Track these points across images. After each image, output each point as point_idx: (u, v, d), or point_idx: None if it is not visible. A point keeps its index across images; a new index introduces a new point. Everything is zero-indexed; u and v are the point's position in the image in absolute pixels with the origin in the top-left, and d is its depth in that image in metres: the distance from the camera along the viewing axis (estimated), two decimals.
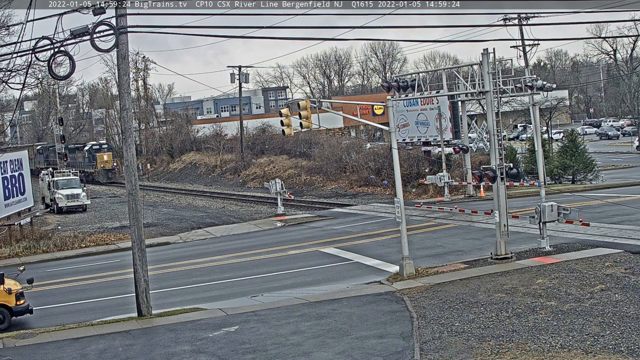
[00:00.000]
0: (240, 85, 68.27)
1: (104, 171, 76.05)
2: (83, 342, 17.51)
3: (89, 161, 77.38)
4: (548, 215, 23.86)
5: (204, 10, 22.07)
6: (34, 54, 18.90)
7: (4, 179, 35.16)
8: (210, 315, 19.27)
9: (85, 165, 77.85)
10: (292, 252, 28.71)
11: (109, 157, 76.65)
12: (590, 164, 49.41)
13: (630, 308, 16.61)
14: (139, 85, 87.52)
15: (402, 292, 20.22)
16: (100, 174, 75.59)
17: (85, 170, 76.43)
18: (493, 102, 23.81)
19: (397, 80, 33.34)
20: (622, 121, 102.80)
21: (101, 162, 76.00)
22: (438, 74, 70.58)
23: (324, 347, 15.57)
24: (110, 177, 75.78)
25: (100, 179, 75.13)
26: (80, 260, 31.23)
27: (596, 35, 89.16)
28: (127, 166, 20.18)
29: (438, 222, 32.92)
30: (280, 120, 24.36)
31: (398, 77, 37.06)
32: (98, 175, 75.71)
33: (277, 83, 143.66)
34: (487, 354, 14.39)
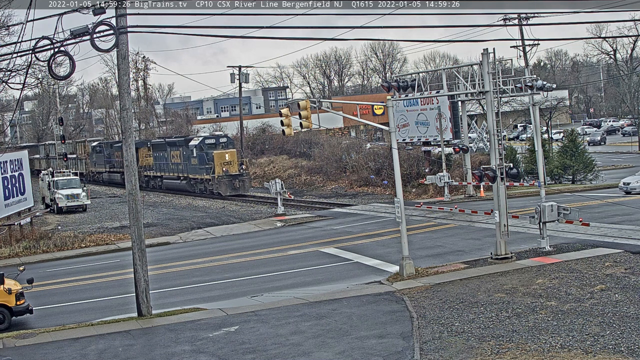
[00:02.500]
0: (240, 85, 68.27)
1: (227, 178, 50.75)
2: (83, 342, 17.51)
3: (201, 163, 52.32)
4: (548, 215, 23.86)
5: (204, 10, 22.10)
6: (34, 54, 18.91)
7: (4, 179, 35.17)
8: (210, 315, 19.27)
9: (193, 168, 53.86)
10: (292, 252, 28.71)
11: (232, 157, 51.54)
12: (590, 164, 49.41)
13: (630, 308, 16.61)
14: (139, 85, 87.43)
15: (402, 292, 20.22)
16: (222, 183, 50.51)
17: (193, 176, 54.13)
18: (493, 102, 23.82)
19: (397, 80, 33.36)
20: (622, 121, 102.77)
21: (222, 164, 51.09)
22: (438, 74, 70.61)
23: (324, 347, 15.57)
24: (236, 186, 50.94)
25: (222, 189, 50.51)
26: (80, 260, 31.23)
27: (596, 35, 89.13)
28: (127, 166, 20.19)
29: (438, 222, 32.92)
30: (280, 120, 24.37)
31: (398, 77, 37.13)
32: (218, 184, 50.73)
33: (277, 83, 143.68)
34: (487, 354, 14.39)
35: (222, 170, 50.77)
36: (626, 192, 37.70)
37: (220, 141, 53.37)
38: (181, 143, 55.56)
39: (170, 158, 57.70)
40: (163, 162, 59.17)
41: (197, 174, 53.22)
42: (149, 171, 62.13)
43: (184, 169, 55.40)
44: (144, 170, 61.65)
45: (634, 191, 37.39)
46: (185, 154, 54.58)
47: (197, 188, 54.30)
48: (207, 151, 52.04)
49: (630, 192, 37.49)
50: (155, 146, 60.77)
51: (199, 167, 52.66)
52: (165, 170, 58.94)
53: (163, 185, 59.87)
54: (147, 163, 62.57)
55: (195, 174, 53.54)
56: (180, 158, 55.86)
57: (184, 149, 54.80)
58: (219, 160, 50.95)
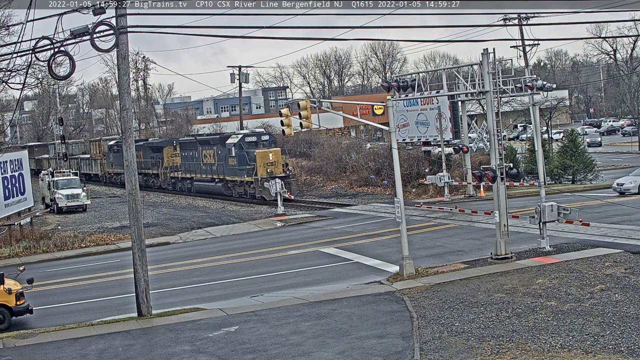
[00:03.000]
0: (240, 85, 68.28)
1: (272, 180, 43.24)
2: (83, 342, 17.52)
3: (241, 163, 46.67)
4: (548, 215, 23.86)
5: (204, 10, 22.10)
6: (34, 54, 18.92)
7: (4, 179, 35.17)
8: (210, 315, 19.27)
9: (230, 169, 48.05)
10: (292, 252, 28.71)
11: (276, 157, 45.98)
12: (590, 164, 49.43)
13: (630, 308, 16.62)
14: (139, 85, 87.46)
15: (402, 292, 20.22)
16: (265, 187, 43.75)
17: (230, 178, 48.32)
18: (493, 102, 23.82)
19: (397, 80, 33.32)
20: (622, 121, 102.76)
21: (265, 165, 45.22)
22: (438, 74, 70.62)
23: (324, 347, 15.57)
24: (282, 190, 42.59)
25: (266, 193, 44.10)
26: (80, 260, 31.23)
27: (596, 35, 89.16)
28: (127, 166, 20.19)
29: (438, 222, 32.92)
30: (280, 120, 24.37)
31: (398, 77, 37.11)
32: (261, 187, 44.79)
33: (277, 83, 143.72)
34: (487, 354, 14.39)
35: (266, 171, 45.02)
36: (620, 192, 37.71)
37: (262, 139, 47.81)
38: (216, 141, 50.08)
39: (202, 158, 52.15)
40: (193, 163, 53.92)
41: (236, 176, 47.44)
42: (176, 172, 57.56)
43: (219, 170, 49.96)
44: (171, 171, 58.15)
45: (628, 192, 37.41)
46: (221, 153, 49.00)
47: (235, 191, 48.67)
48: (247, 150, 46.42)
49: (624, 193, 37.51)
50: (184, 145, 56.04)
51: (238, 168, 47.09)
52: (196, 172, 53.52)
53: (193, 188, 54.51)
54: (173, 163, 58.30)
55: (233, 176, 47.77)
56: (214, 158, 50.23)
57: (219, 148, 49.35)
58: (262, 160, 45.23)
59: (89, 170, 75.11)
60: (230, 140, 48.45)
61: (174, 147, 58.96)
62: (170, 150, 59.16)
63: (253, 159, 45.63)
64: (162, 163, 59.29)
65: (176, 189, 57.73)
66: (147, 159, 61.85)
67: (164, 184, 59.78)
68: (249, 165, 46.11)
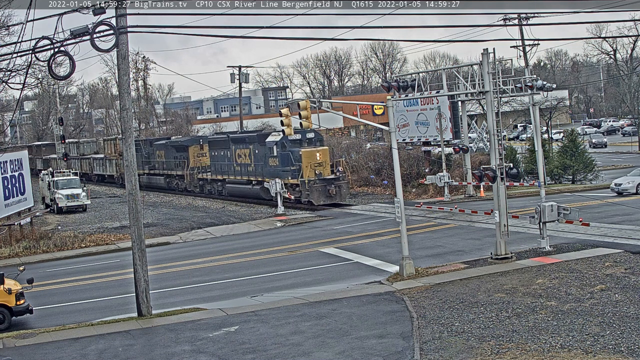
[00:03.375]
0: (240, 85, 68.27)
1: (321, 183, 40.89)
2: (83, 342, 17.52)
3: (284, 164, 42.38)
4: (548, 215, 23.86)
5: (204, 10, 22.11)
6: (34, 54, 18.92)
7: (4, 179, 35.18)
8: (210, 315, 19.28)
9: (271, 170, 43.40)
10: (292, 252, 28.71)
11: (324, 156, 41.85)
12: (590, 164, 49.43)
13: (630, 308, 16.62)
14: (139, 85, 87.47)
15: (402, 292, 20.22)
16: (314, 190, 40.76)
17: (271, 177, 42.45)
18: (493, 102, 23.82)
19: (397, 80, 33.31)
20: (622, 121, 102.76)
21: (312, 166, 41.23)
22: (438, 74, 70.62)
23: (324, 347, 15.57)
24: (332, 193, 41.05)
25: (314, 197, 40.85)
26: (80, 260, 31.23)
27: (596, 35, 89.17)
28: (127, 166, 20.19)
29: (438, 222, 32.91)
30: (280, 120, 24.38)
31: (398, 77, 37.09)
32: (309, 190, 40.93)
33: (277, 83, 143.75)
34: (487, 354, 14.39)
35: (314, 173, 40.78)
36: (618, 192, 37.71)
37: (307, 136, 42.72)
38: (253, 139, 45.67)
39: (235, 157, 47.58)
40: (224, 163, 49.26)
41: (279, 178, 41.87)
42: (204, 173, 53.35)
43: (256, 171, 45.16)
44: (198, 172, 53.96)
45: (626, 192, 37.41)
46: (259, 152, 44.76)
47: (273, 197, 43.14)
48: (291, 149, 41.78)
49: (622, 193, 37.52)
50: (214, 143, 51.39)
51: (281, 170, 42.27)
52: (228, 173, 48.80)
53: (225, 190, 49.78)
54: (200, 164, 54.30)
55: (274, 178, 42.06)
56: (250, 158, 45.81)
57: (256, 147, 45.09)
58: (309, 160, 40.91)
59: (103, 171, 72.06)
60: (271, 138, 43.96)
61: (200, 146, 54.93)
62: (196, 150, 55.06)
63: (298, 159, 41.18)
64: (188, 163, 54.94)
65: (204, 192, 53.47)
66: (170, 159, 57.83)
67: (190, 186, 55.45)
68: (293, 166, 41.47)
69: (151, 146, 62.14)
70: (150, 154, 62.11)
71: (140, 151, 61.57)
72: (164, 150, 58.49)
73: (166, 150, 58.42)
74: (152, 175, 61.66)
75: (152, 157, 61.71)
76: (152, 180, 61.55)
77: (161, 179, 59.72)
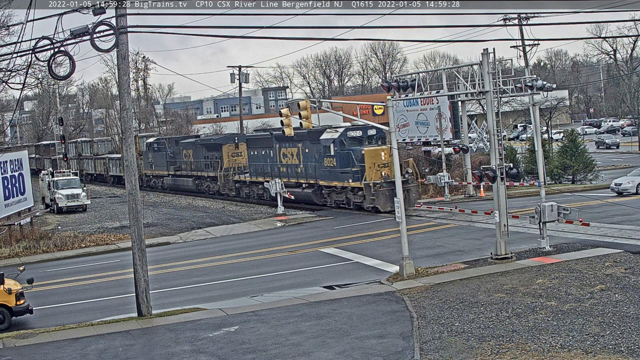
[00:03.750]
0: (240, 85, 68.27)
1: (388, 187, 35.56)
2: (83, 342, 17.52)
3: (343, 164, 37.74)
4: (548, 215, 23.86)
5: (204, 10, 22.09)
6: (34, 54, 18.93)
7: (4, 179, 35.16)
8: (210, 315, 19.28)
9: (327, 172, 38.98)
10: (292, 252, 28.71)
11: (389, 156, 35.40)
12: (590, 164, 49.45)
13: (630, 308, 16.62)
14: (139, 85, 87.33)
15: (402, 292, 20.22)
16: (380, 194, 35.72)
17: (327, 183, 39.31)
18: (493, 102, 23.83)
19: (397, 80, 33.33)
20: (622, 121, 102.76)
21: (376, 167, 36.22)
22: (438, 74, 70.65)
23: (324, 347, 15.58)
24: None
25: (380, 203, 35.73)
26: (80, 260, 31.23)
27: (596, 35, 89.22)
28: (127, 166, 20.19)
29: (438, 222, 32.91)
30: (280, 120, 24.37)
31: (398, 77, 37.05)
32: (374, 194, 35.75)
33: (277, 83, 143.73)
34: (487, 354, 14.39)
35: (380, 175, 35.93)
36: (618, 192, 37.72)
37: (369, 133, 38.15)
38: (302, 137, 40.16)
39: (280, 157, 43.27)
40: (266, 164, 44.61)
41: (336, 181, 38.19)
42: (241, 175, 48.33)
43: (307, 172, 40.73)
44: (234, 174, 49.16)
45: (626, 192, 37.41)
46: (309, 151, 40.42)
47: (332, 200, 39.90)
48: (352, 148, 37.25)
49: (622, 193, 37.52)
50: (253, 141, 46.84)
51: (339, 171, 37.88)
52: (271, 175, 43.56)
53: (267, 194, 43.94)
54: (236, 164, 49.81)
55: (331, 181, 38.69)
56: (299, 158, 41.49)
57: (306, 145, 40.61)
58: (372, 160, 36.10)
59: (120, 172, 65.70)
60: (326, 135, 39.13)
61: (235, 144, 50.44)
62: (231, 149, 50.29)
63: (360, 159, 36.39)
64: (221, 164, 50.06)
65: (241, 196, 48.68)
66: (200, 158, 53.10)
67: (224, 189, 50.57)
68: (355, 167, 36.53)
69: (177, 145, 57.35)
70: (176, 153, 57.32)
71: (164, 150, 58.96)
72: (192, 149, 54.03)
73: (195, 149, 53.85)
74: (179, 177, 56.71)
75: (178, 157, 56.80)
76: (178, 182, 56.91)
77: (189, 180, 54.97)
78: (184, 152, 55.80)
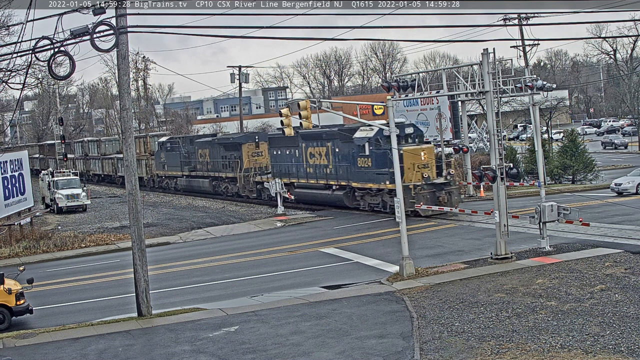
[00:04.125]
0: (240, 85, 68.25)
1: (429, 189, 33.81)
2: (83, 342, 17.52)
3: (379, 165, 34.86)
4: (548, 215, 23.86)
5: (204, 10, 22.08)
6: (34, 54, 18.93)
7: (4, 179, 35.16)
8: (210, 315, 19.28)
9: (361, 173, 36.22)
10: (292, 252, 28.71)
11: (429, 156, 34.75)
12: (590, 164, 49.46)
13: (630, 308, 16.62)
14: (139, 85, 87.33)
15: (402, 292, 20.22)
16: (421, 196, 33.34)
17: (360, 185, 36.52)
18: (493, 102, 23.83)
19: (397, 80, 33.30)
20: (622, 121, 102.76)
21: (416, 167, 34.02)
22: (438, 74, 70.63)
23: (324, 347, 15.57)
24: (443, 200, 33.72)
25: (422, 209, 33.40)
26: (80, 260, 31.23)
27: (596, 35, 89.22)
28: (127, 166, 20.19)
29: (438, 222, 32.89)
30: (280, 120, 24.37)
31: (398, 77, 37.02)
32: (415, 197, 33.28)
33: (277, 83, 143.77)
34: (487, 354, 14.39)
35: (421, 176, 33.71)
36: (618, 192, 37.71)
37: (406, 131, 34.98)
38: (332, 135, 38.09)
39: (307, 157, 40.69)
40: (291, 164, 42.25)
41: (371, 182, 35.39)
42: (262, 175, 45.72)
43: (338, 173, 38.03)
44: (255, 175, 46.63)
45: (626, 192, 37.40)
46: (341, 151, 37.64)
47: (365, 203, 37.18)
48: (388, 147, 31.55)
49: (622, 193, 37.51)
50: (276, 140, 43.64)
51: (374, 172, 35.19)
52: (297, 176, 41.73)
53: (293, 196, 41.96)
54: (256, 165, 47.27)
55: (365, 182, 36.05)
56: (328, 158, 38.83)
57: (337, 144, 37.93)
58: (412, 160, 33.64)
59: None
60: (360, 133, 36.36)
61: (256, 143, 47.95)
62: (251, 148, 47.89)
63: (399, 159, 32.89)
64: (241, 164, 47.54)
65: (262, 198, 45.74)
66: (217, 158, 50.57)
67: (244, 190, 48.08)
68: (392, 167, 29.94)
69: (192, 144, 54.61)
70: (190, 153, 54.60)
71: (177, 150, 56.20)
72: (208, 148, 51.47)
73: (212, 148, 51.33)
74: (194, 178, 54.15)
75: (193, 157, 54.16)
76: (193, 183, 54.42)
77: (205, 182, 52.38)
78: (200, 152, 53.28)
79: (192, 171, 54.38)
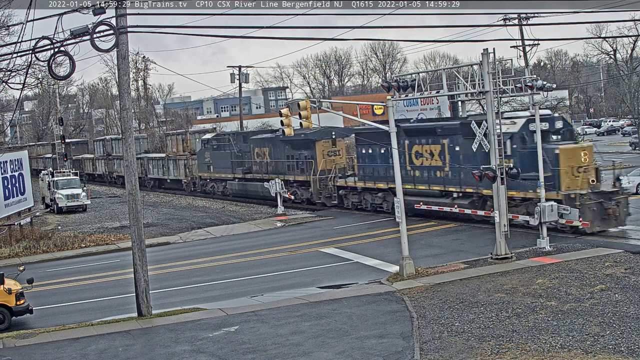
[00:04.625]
0: (240, 85, 68.24)
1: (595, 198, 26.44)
2: (83, 342, 17.52)
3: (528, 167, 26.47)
4: (548, 215, 23.85)
5: (204, 10, 22.08)
6: (34, 54, 18.94)
7: (4, 179, 35.16)
8: (210, 315, 19.28)
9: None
10: (292, 252, 28.71)
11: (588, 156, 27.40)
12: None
13: (630, 308, 16.62)
14: (139, 85, 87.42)
15: (402, 292, 20.22)
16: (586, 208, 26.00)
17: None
18: (493, 102, 23.82)
19: (397, 80, 33.25)
20: (622, 121, 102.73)
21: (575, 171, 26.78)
22: (438, 74, 70.56)
23: (324, 347, 15.57)
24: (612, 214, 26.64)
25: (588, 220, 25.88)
26: (80, 260, 31.23)
27: (596, 35, 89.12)
28: (127, 166, 20.19)
29: (438, 222, 32.88)
30: (280, 120, 24.38)
31: (398, 77, 36.95)
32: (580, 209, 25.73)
33: (277, 83, 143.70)
34: (487, 354, 14.39)
35: (587, 182, 26.78)
36: None
37: (556, 126, 28.49)
38: (452, 130, 31.61)
39: (412, 157, 33.46)
40: (388, 165, 33.04)
41: (514, 190, 27.27)
42: (345, 179, 38.92)
43: (460, 178, 30.99)
44: (333, 178, 39.53)
45: (625, 191, 37.21)
46: (463, 149, 30.72)
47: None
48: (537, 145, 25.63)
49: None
50: (364, 136, 36.56)
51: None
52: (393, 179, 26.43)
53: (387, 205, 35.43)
54: (333, 166, 39.94)
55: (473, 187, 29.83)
56: (443, 157, 31.88)
57: (457, 141, 31.13)
58: (570, 162, 26.69)
59: (163, 174, 58.52)
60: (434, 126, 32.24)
61: (332, 140, 40.88)
62: (327, 146, 40.66)
63: (553, 161, 26.81)
64: (315, 165, 40.47)
65: (347, 205, 38.64)
66: (281, 158, 43.53)
67: (319, 196, 40.74)
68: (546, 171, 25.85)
69: (245, 142, 47.74)
70: (244, 152, 47.63)
71: (228, 149, 48.94)
72: (268, 146, 44.52)
73: (273, 146, 44.14)
74: (249, 181, 46.72)
75: (247, 157, 47.21)
76: (248, 187, 46.74)
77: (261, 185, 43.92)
78: (257, 151, 46.00)
79: (246, 173, 47.12)
